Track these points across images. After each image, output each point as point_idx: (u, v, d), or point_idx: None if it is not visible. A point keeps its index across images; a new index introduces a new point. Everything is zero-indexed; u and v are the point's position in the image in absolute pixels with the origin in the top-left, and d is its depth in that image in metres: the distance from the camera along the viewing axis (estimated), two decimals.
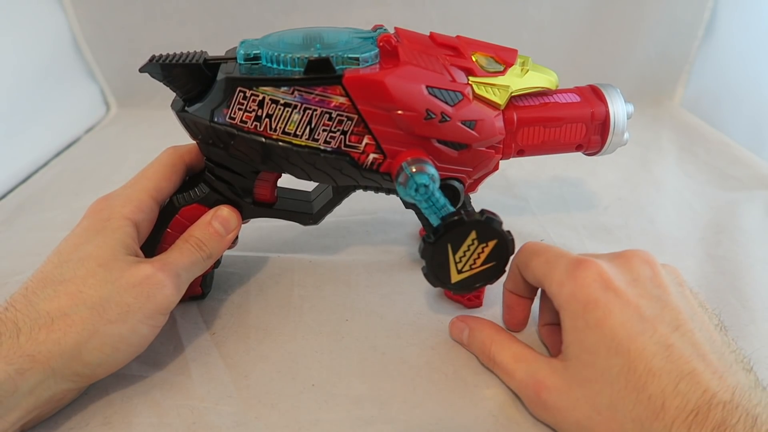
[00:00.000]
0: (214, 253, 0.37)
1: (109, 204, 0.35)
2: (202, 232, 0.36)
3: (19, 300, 0.30)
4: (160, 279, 0.32)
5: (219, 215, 0.37)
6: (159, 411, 0.33)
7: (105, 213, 0.34)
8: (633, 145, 0.61)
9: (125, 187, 0.36)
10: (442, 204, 0.34)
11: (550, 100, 0.38)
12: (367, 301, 0.42)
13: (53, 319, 0.29)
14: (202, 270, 0.36)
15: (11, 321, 0.29)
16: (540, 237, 0.50)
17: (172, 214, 0.37)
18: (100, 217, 0.34)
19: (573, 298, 0.30)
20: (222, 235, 0.37)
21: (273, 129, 0.34)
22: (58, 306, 0.30)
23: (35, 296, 0.30)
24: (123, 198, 0.35)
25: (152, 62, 0.34)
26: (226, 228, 0.37)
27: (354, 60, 0.33)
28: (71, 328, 0.29)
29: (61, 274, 0.31)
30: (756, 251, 0.47)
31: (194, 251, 0.35)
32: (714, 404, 0.25)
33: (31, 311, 0.30)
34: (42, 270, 0.32)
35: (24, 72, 0.67)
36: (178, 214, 0.37)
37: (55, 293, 0.30)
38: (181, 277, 0.34)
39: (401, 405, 0.33)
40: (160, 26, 0.77)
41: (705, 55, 0.78)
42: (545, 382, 0.30)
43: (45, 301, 0.30)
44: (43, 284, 0.31)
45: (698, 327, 0.29)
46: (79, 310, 0.30)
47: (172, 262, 0.34)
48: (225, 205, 0.38)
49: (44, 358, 0.29)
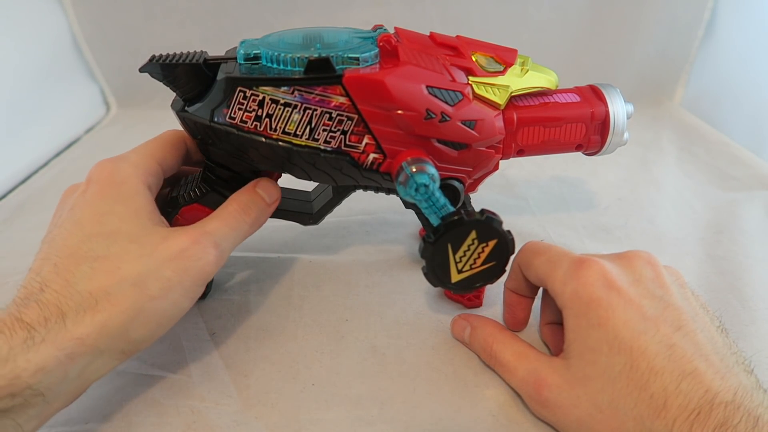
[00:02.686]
0: (259, 220, 0.35)
1: (118, 167, 0.33)
2: (248, 197, 0.35)
3: (54, 279, 0.28)
4: (197, 252, 0.31)
5: (262, 183, 0.36)
6: (159, 411, 0.33)
7: (116, 177, 0.32)
8: (633, 145, 0.61)
9: (131, 152, 0.34)
10: (442, 204, 0.34)
11: (550, 100, 0.38)
12: (367, 301, 0.42)
13: (97, 300, 0.28)
14: (245, 237, 0.35)
15: (53, 304, 0.27)
16: (540, 237, 0.50)
17: (173, 212, 0.37)
18: (112, 181, 0.32)
19: (575, 297, 0.30)
20: (267, 203, 0.36)
21: (273, 129, 0.34)
22: (99, 285, 0.28)
23: (71, 275, 0.29)
24: (131, 161, 0.33)
25: (152, 62, 0.34)
26: (270, 196, 0.36)
27: (354, 60, 0.33)
28: (116, 308, 0.28)
29: (92, 249, 0.30)
30: (756, 251, 0.47)
31: (239, 216, 0.34)
32: (716, 404, 0.25)
33: (72, 292, 0.28)
34: (65, 244, 0.30)
35: (24, 72, 0.67)
36: (179, 214, 0.37)
37: (92, 271, 0.29)
38: (222, 245, 0.33)
39: (401, 405, 0.33)
40: (160, 26, 0.77)
41: (705, 55, 0.78)
42: (546, 380, 0.30)
43: (84, 281, 0.28)
44: (75, 261, 0.29)
45: (700, 328, 0.29)
46: (122, 289, 0.29)
47: (210, 232, 0.32)
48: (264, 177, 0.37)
49: (92, 341, 0.28)
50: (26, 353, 0.26)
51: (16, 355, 0.26)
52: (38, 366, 0.26)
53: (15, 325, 0.26)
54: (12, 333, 0.26)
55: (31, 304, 0.27)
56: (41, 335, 0.26)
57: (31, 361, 0.26)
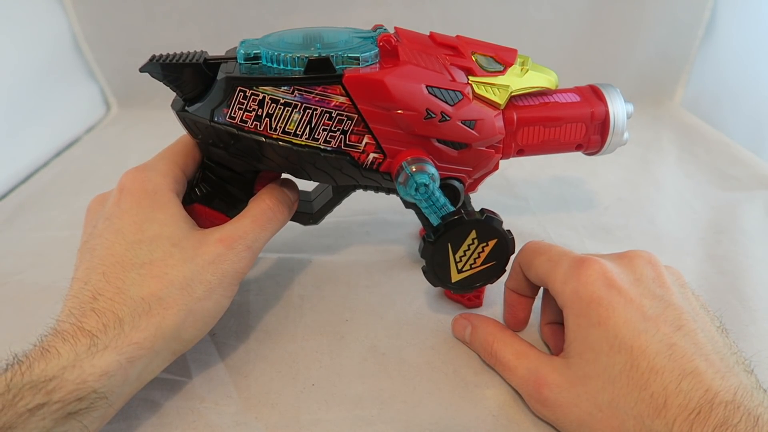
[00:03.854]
0: (287, 219, 0.37)
1: (149, 176, 0.34)
2: (278, 196, 0.37)
3: (105, 287, 0.30)
4: (232, 256, 0.33)
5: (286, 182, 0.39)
6: (159, 411, 0.33)
7: (149, 185, 0.34)
8: (633, 145, 0.61)
9: (158, 160, 0.36)
10: (442, 203, 0.34)
11: (550, 100, 0.38)
12: (367, 301, 0.42)
13: (150, 305, 0.30)
14: (273, 235, 0.36)
15: (109, 311, 0.29)
16: (540, 237, 0.50)
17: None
18: (145, 189, 0.34)
19: (576, 296, 0.30)
20: (293, 201, 0.38)
21: (273, 128, 0.34)
22: (150, 291, 0.30)
23: (121, 282, 0.30)
24: (161, 171, 0.35)
25: (152, 62, 0.34)
26: (294, 194, 0.38)
27: (354, 59, 0.33)
28: (168, 311, 0.30)
29: (137, 256, 0.31)
30: (756, 251, 0.47)
31: (271, 215, 0.35)
32: (716, 403, 0.25)
33: (125, 299, 0.30)
34: (110, 252, 0.31)
35: (24, 72, 0.67)
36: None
37: (140, 277, 0.30)
38: (254, 246, 0.34)
39: (401, 405, 0.33)
40: (161, 26, 0.77)
41: (705, 55, 0.78)
42: (547, 379, 0.30)
43: (134, 287, 0.30)
44: (122, 268, 0.31)
45: (700, 328, 0.29)
46: (171, 293, 0.30)
47: (243, 235, 0.34)
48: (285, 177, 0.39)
49: (150, 344, 0.29)
50: (91, 359, 0.27)
51: (82, 362, 0.27)
52: (103, 371, 0.27)
53: (78, 333, 0.28)
54: (76, 341, 0.28)
55: (87, 313, 0.29)
56: (104, 342, 0.28)
57: (95, 366, 0.27)
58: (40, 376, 0.26)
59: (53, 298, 0.32)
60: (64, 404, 0.26)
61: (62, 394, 0.26)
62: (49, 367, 0.26)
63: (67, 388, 0.26)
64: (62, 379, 0.26)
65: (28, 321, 0.32)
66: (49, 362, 0.27)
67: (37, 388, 0.26)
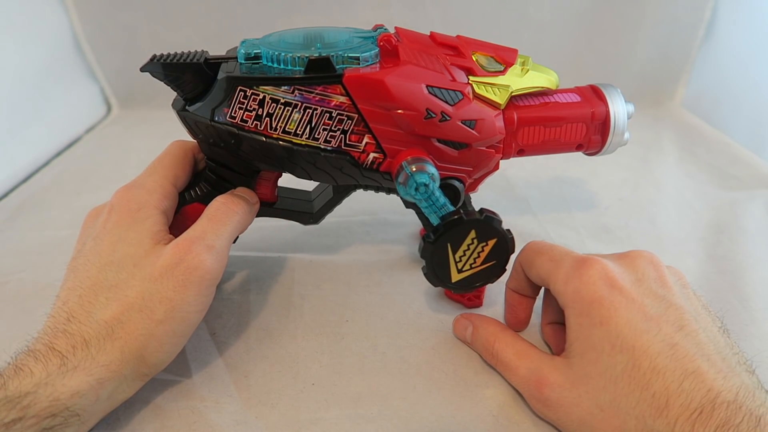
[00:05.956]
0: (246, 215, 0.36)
1: (136, 194, 0.34)
2: (228, 194, 0.36)
3: (78, 310, 0.30)
4: (190, 262, 0.31)
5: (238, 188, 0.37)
6: (159, 412, 0.33)
7: (133, 204, 0.34)
8: (633, 145, 0.61)
9: (146, 176, 0.36)
10: (442, 203, 0.34)
11: (550, 100, 0.38)
12: (367, 301, 0.42)
13: (113, 328, 0.30)
14: (238, 230, 0.35)
15: (78, 334, 0.29)
16: (541, 237, 0.50)
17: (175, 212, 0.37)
18: (129, 208, 0.34)
19: (578, 296, 0.30)
20: (248, 200, 0.36)
21: (273, 128, 0.34)
22: (112, 315, 0.30)
23: (91, 306, 0.30)
24: (148, 188, 0.35)
25: (153, 62, 0.34)
26: (250, 197, 0.37)
27: (354, 59, 0.33)
28: (130, 336, 0.30)
29: (107, 278, 0.31)
30: (756, 251, 0.47)
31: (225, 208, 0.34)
32: (718, 403, 0.25)
33: (92, 322, 0.30)
34: (87, 275, 0.32)
35: (25, 72, 0.67)
36: (179, 213, 0.37)
37: (107, 301, 0.31)
38: (216, 244, 0.32)
39: (401, 404, 0.33)
40: (161, 26, 0.77)
41: (705, 55, 0.78)
42: (548, 379, 0.30)
43: (101, 311, 0.30)
44: (94, 291, 0.31)
45: (702, 328, 0.29)
46: (131, 317, 0.30)
47: (199, 236, 0.32)
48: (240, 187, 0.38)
49: (116, 367, 0.29)
50: (62, 378, 0.28)
51: (54, 380, 0.28)
52: (74, 390, 0.28)
53: (49, 353, 0.28)
54: (47, 360, 0.28)
55: (59, 334, 0.29)
56: (73, 363, 0.28)
57: (66, 386, 0.28)
58: (15, 392, 0.26)
59: (53, 297, 0.32)
60: (39, 419, 0.26)
61: (37, 409, 0.26)
62: (23, 384, 0.27)
63: (42, 404, 0.26)
64: (37, 395, 0.27)
65: (29, 319, 0.32)
66: (22, 380, 0.27)
67: (13, 404, 0.26)
